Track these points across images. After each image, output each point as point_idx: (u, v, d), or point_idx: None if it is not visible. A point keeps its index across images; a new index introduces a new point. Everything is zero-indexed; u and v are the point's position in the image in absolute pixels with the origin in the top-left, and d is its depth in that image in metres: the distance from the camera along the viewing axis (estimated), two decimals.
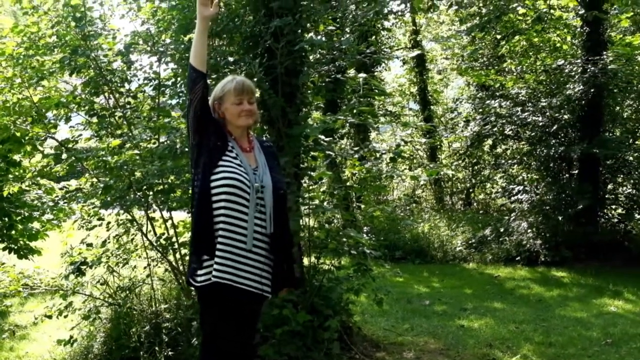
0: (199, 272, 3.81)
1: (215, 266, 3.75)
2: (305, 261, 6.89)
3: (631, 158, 13.43)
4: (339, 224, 10.38)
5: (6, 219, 10.51)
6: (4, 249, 10.86)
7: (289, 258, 4.10)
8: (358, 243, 6.63)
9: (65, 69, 6.74)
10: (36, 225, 10.66)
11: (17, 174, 10.29)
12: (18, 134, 7.39)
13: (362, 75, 6.85)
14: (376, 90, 7.30)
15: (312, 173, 6.96)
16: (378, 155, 6.94)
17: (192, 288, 4.68)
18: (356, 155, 6.80)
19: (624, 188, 14.28)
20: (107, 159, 6.18)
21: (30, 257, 10.91)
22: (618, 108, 14.00)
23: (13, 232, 10.73)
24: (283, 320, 6.05)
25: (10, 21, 8.29)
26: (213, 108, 3.98)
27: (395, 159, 6.50)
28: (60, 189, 7.41)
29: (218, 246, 3.76)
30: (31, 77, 6.68)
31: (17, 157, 9.60)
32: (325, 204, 6.90)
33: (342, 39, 7.05)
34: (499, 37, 14.32)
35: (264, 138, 4.38)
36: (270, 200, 3.87)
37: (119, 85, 6.98)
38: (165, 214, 6.81)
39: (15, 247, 10.78)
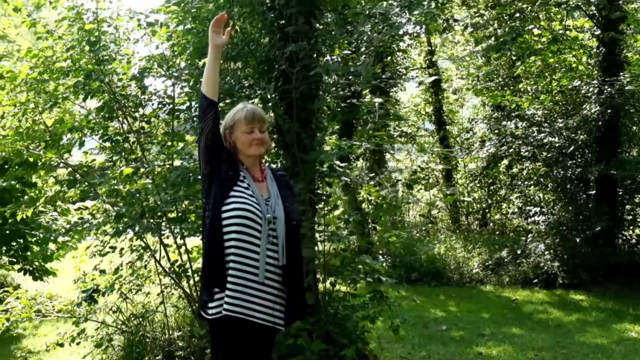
0: (210, 304, 3.74)
1: (226, 299, 3.68)
2: (320, 287, 6.82)
3: None
4: (354, 248, 10.34)
5: (21, 240, 10.59)
6: (19, 270, 10.95)
7: (301, 290, 4.01)
8: (373, 270, 6.54)
9: (79, 94, 6.71)
10: (51, 246, 10.70)
11: (32, 195, 10.34)
12: (31, 159, 7.37)
13: (378, 100, 6.82)
14: (392, 115, 7.23)
15: (327, 199, 6.91)
16: (394, 181, 6.85)
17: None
18: (372, 182, 6.73)
19: None
20: (119, 187, 6.14)
21: (46, 279, 10.96)
22: (635, 128, 13.86)
23: (28, 253, 10.78)
24: (298, 349, 5.98)
25: (28, 43, 8.31)
26: (224, 137, 3.91)
27: (411, 186, 6.44)
28: (76, 209, 7.38)
29: (229, 278, 3.69)
30: (45, 102, 6.66)
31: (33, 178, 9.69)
32: (340, 229, 6.84)
33: (358, 63, 6.98)
34: (514, 57, 14.24)
35: (277, 167, 4.28)
36: (283, 232, 3.79)
37: (132, 110, 6.94)
38: (179, 240, 6.75)
39: (31, 269, 10.85)
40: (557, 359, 7.81)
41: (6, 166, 9.10)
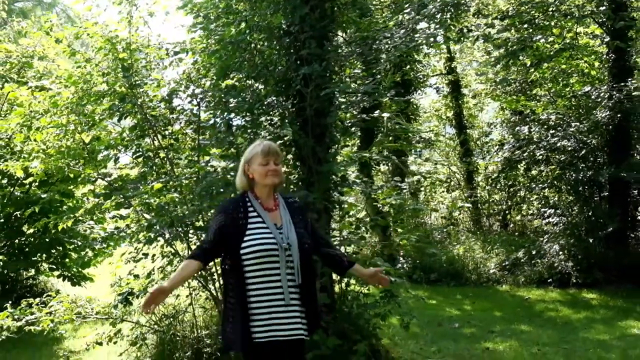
0: (242, 337, 4.11)
1: (257, 328, 4.10)
2: (336, 288, 7.39)
3: None
4: (374, 251, 10.92)
5: (60, 248, 11.25)
6: (58, 277, 11.61)
7: (315, 302, 4.45)
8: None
9: (114, 115, 7.38)
10: (89, 253, 11.40)
11: (70, 204, 11.07)
12: (72, 175, 8.04)
13: (386, 114, 7.37)
14: (399, 127, 7.78)
15: (341, 206, 7.50)
16: (399, 191, 7.41)
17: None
18: (379, 191, 7.31)
19: None
20: (150, 201, 6.78)
21: (83, 284, 11.64)
22: None
23: (67, 260, 11.48)
24: (313, 345, 6.49)
25: (66, 63, 8.99)
26: (243, 170, 4.39)
27: (416, 194, 6.98)
28: (111, 218, 7.98)
29: (254, 309, 4.11)
30: (84, 123, 7.33)
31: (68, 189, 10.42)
32: (352, 234, 7.42)
33: (367, 82, 7.56)
34: (528, 63, 14.69)
35: (289, 195, 4.78)
36: (297, 255, 4.21)
37: (162, 128, 7.58)
38: None
39: (69, 275, 11.53)
40: (559, 354, 8.29)
41: (48, 180, 9.76)
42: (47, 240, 11.04)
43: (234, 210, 4.29)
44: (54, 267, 11.63)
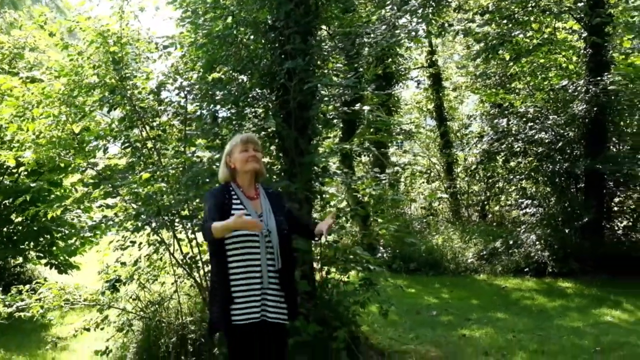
0: (222, 318, 4.36)
1: (237, 310, 4.33)
2: (317, 276, 7.62)
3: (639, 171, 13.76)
4: (354, 240, 11.16)
5: (48, 236, 11.42)
6: (45, 265, 11.78)
7: (294, 287, 4.70)
8: (365, 260, 7.36)
9: (104, 106, 7.57)
10: (76, 242, 11.57)
11: (58, 193, 11.24)
12: (62, 165, 8.22)
13: (366, 107, 7.59)
14: (379, 120, 7.99)
15: (322, 196, 7.74)
16: (379, 181, 7.64)
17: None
18: (359, 182, 7.54)
19: (630, 201, 14.84)
20: (139, 190, 6.99)
21: (70, 272, 11.81)
22: (622, 124, 14.56)
23: (54, 248, 11.64)
24: (295, 331, 6.70)
25: (56, 54, 9.15)
26: (225, 162, 4.64)
27: (394, 185, 7.22)
28: (98, 207, 8.13)
29: (235, 289, 4.34)
30: (75, 115, 7.51)
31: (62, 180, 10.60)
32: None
33: (349, 75, 7.78)
34: (507, 57, 14.98)
35: (270, 186, 5.00)
36: (277, 241, 4.46)
37: (150, 119, 7.77)
38: (190, 235, 7.54)
39: (56, 263, 11.70)
40: (533, 340, 8.55)
41: (37, 169, 9.89)
42: (35, 228, 11.19)
43: (221, 195, 4.53)
44: (41, 255, 11.80)
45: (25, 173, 10.75)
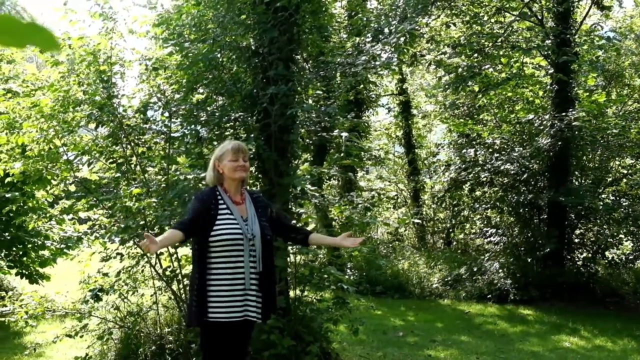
0: (200, 314, 4.69)
1: (217, 307, 4.66)
2: (292, 294, 7.90)
3: (599, 205, 14.26)
4: (324, 260, 11.46)
5: (21, 246, 11.55)
6: (16, 274, 11.90)
7: (273, 289, 5.04)
8: (338, 280, 7.68)
9: (92, 122, 7.83)
10: (46, 253, 11.74)
11: (30, 205, 11.39)
12: (49, 177, 8.45)
13: (345, 134, 7.94)
14: (356, 145, 8.35)
15: (299, 217, 8.04)
16: (355, 205, 7.97)
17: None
18: (336, 204, 7.87)
19: (591, 233, 15.33)
20: (130, 204, 7.26)
21: (41, 282, 11.94)
22: (585, 159, 15.07)
23: (25, 258, 11.78)
24: (270, 344, 7.02)
25: (33, 67, 9.37)
26: (214, 165, 4.93)
27: (369, 208, 7.57)
28: (70, 219, 8.31)
29: (216, 288, 4.66)
30: (63, 130, 7.74)
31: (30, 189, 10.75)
32: None
33: (329, 103, 8.14)
34: (476, 89, 15.46)
35: (255, 190, 5.33)
36: (260, 245, 4.77)
37: (136, 137, 8.03)
38: (171, 249, 7.79)
39: (27, 273, 11.83)
40: None
41: (8, 179, 10.03)
42: (8, 238, 11.31)
43: (208, 199, 4.82)
44: (12, 264, 11.90)
45: None
